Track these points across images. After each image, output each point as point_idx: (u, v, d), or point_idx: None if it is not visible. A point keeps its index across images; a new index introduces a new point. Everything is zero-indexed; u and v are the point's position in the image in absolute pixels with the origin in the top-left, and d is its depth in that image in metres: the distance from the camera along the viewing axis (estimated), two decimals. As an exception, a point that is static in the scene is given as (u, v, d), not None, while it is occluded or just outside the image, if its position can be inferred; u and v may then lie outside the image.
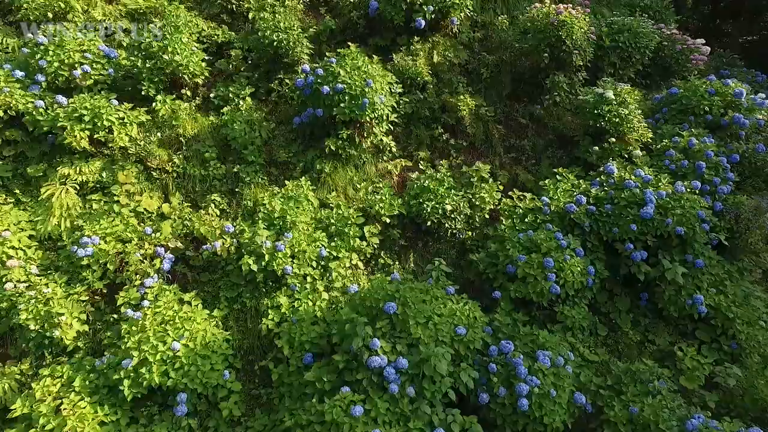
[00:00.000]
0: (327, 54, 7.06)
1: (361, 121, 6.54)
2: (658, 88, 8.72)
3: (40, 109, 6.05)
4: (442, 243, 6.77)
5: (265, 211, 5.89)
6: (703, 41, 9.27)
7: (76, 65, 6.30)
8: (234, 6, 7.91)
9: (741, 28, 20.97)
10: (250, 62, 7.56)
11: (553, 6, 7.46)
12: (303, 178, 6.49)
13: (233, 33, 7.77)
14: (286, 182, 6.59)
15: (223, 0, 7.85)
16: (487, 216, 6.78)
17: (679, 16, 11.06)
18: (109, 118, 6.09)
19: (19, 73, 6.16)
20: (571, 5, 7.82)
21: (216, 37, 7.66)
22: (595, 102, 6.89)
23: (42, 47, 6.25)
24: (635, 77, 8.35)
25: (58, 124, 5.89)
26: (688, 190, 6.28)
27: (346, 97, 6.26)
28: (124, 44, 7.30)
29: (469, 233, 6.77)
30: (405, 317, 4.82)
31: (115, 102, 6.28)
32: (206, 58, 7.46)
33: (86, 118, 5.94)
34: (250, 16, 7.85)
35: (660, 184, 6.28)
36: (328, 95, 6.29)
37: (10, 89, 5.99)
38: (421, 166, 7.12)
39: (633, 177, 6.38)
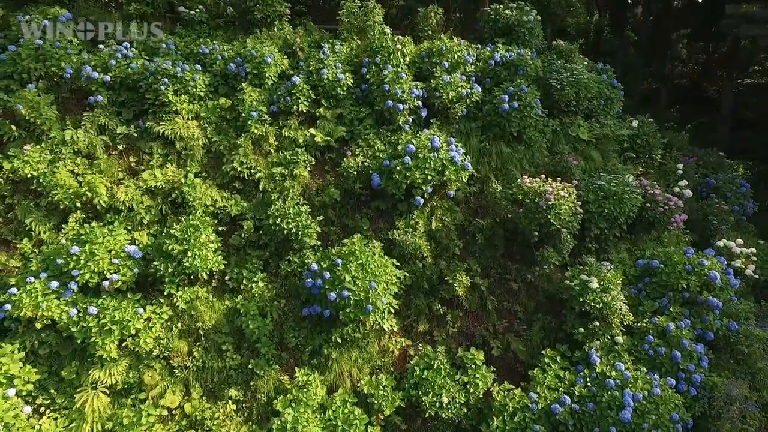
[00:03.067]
0: (332, 251, 7.58)
1: (364, 320, 7.14)
2: (643, 237, 9.29)
3: (74, 318, 6.67)
4: (440, 421, 7.38)
5: (279, 423, 6.50)
6: (690, 193, 9.86)
7: (105, 272, 6.90)
8: (245, 174, 8.48)
9: (733, 74, 21.19)
10: (261, 233, 8.14)
11: (542, 186, 7.99)
12: (313, 374, 7.10)
13: (245, 203, 8.35)
14: (296, 368, 7.22)
15: (235, 171, 8.42)
16: (481, 396, 7.39)
17: (666, 139, 11.62)
18: (136, 326, 6.71)
19: (54, 284, 6.76)
20: (559, 178, 8.39)
21: (229, 208, 8.24)
22: (580, 290, 7.48)
23: (74, 257, 6.85)
24: (620, 234, 8.91)
25: (91, 340, 6.50)
26: (664, 387, 6.87)
27: (351, 302, 6.85)
28: (145, 222, 7.92)
29: (465, 410, 7.38)
30: None
31: (141, 310, 6.89)
32: (220, 230, 8.10)
33: (115, 332, 6.55)
34: (261, 186, 8.44)
35: (638, 381, 6.87)
36: (335, 300, 6.88)
37: (48, 304, 6.60)
38: (420, 348, 7.72)
39: (614, 373, 6.99)
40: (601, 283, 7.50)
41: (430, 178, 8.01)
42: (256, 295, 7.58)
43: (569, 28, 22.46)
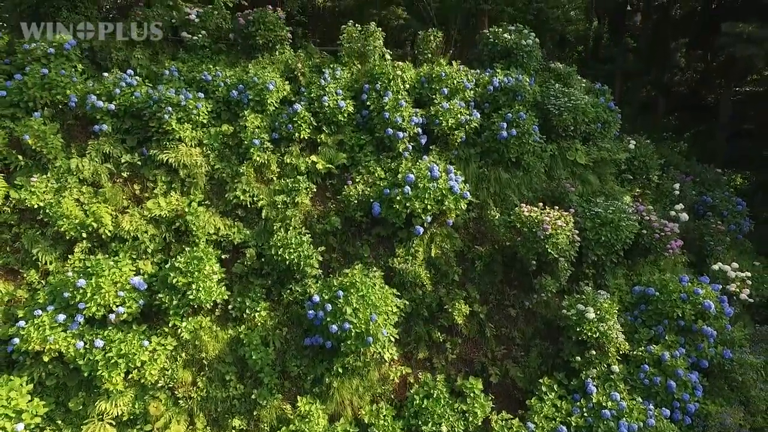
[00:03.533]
0: (334, 281, 7.67)
1: (365, 350, 7.28)
2: (640, 261, 9.41)
3: (80, 350, 6.81)
4: (439, 449, 7.52)
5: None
6: (686, 216, 10.02)
7: (111, 305, 7.05)
8: (248, 202, 8.61)
9: (731, 83, 21.17)
10: (263, 261, 8.27)
11: (539, 215, 8.12)
12: (315, 403, 7.25)
13: (247, 231, 8.48)
14: (298, 397, 7.38)
15: (237, 199, 8.55)
16: (480, 424, 7.54)
17: (662, 159, 11.75)
18: (141, 358, 6.85)
19: (61, 317, 6.91)
20: (557, 207, 8.53)
21: (232, 236, 8.38)
22: (577, 320, 7.62)
23: (81, 290, 6.98)
24: (617, 260, 9.03)
25: (98, 373, 6.65)
26: (658, 418, 7.02)
27: (353, 334, 6.99)
28: (149, 251, 8.06)
29: (464, 438, 7.53)
30: None
31: (146, 342, 7.03)
32: (223, 258, 8.25)
33: (121, 366, 6.70)
34: (263, 214, 8.58)
35: (634, 412, 7.02)
36: (336, 332, 7.02)
37: (55, 337, 6.74)
38: (419, 376, 7.87)
39: (610, 403, 7.14)
40: (598, 312, 7.64)
41: (429, 207, 8.14)
42: (259, 324, 7.73)
43: (569, 35, 22.58)
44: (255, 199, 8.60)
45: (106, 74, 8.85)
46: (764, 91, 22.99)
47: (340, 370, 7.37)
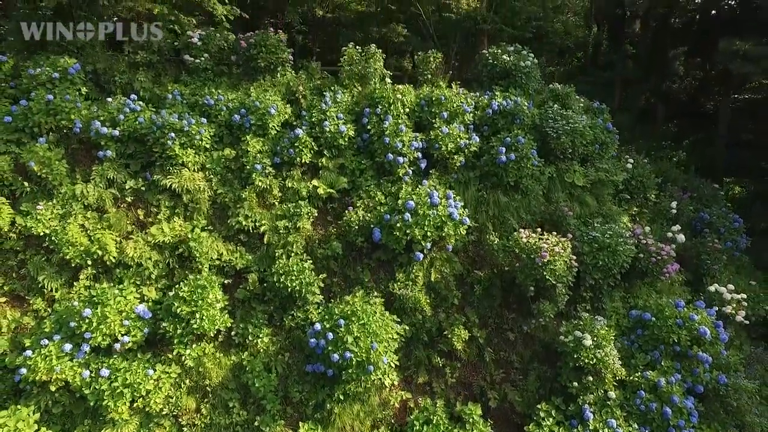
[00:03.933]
0: (335, 309, 7.79)
1: (365, 378, 7.41)
2: (637, 283, 9.53)
3: (86, 380, 6.94)
4: (439, 474, 7.66)
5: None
6: (683, 237, 10.10)
7: (117, 334, 7.17)
8: (250, 227, 8.73)
9: (729, 91, 21.13)
10: (265, 287, 8.39)
11: (537, 242, 8.24)
12: (316, 429, 7.38)
13: (250, 256, 8.60)
14: (300, 423, 7.50)
15: (240, 224, 8.67)
16: (479, 449, 7.67)
17: (659, 178, 11.86)
18: (146, 387, 6.98)
19: (68, 347, 7.03)
20: (554, 232, 8.65)
21: (234, 261, 8.50)
22: (574, 347, 7.75)
23: (87, 320, 7.11)
24: (614, 283, 9.15)
25: (103, 403, 6.78)
26: (654, 445, 7.17)
27: (354, 362, 7.11)
28: (153, 277, 8.18)
29: (463, 463, 7.66)
30: None
31: (151, 371, 7.16)
32: (226, 283, 8.38)
33: (126, 395, 6.83)
34: (265, 239, 8.70)
35: (629, 439, 7.17)
36: (338, 361, 7.14)
37: (62, 367, 6.87)
38: (419, 401, 8.00)
39: (606, 430, 7.27)
40: (595, 339, 7.76)
41: (429, 234, 8.25)
42: (261, 350, 7.85)
43: (568, 42, 22.69)
44: (257, 224, 8.72)
45: (109, 99, 8.95)
46: (763, 99, 23.08)
47: (342, 397, 7.50)
